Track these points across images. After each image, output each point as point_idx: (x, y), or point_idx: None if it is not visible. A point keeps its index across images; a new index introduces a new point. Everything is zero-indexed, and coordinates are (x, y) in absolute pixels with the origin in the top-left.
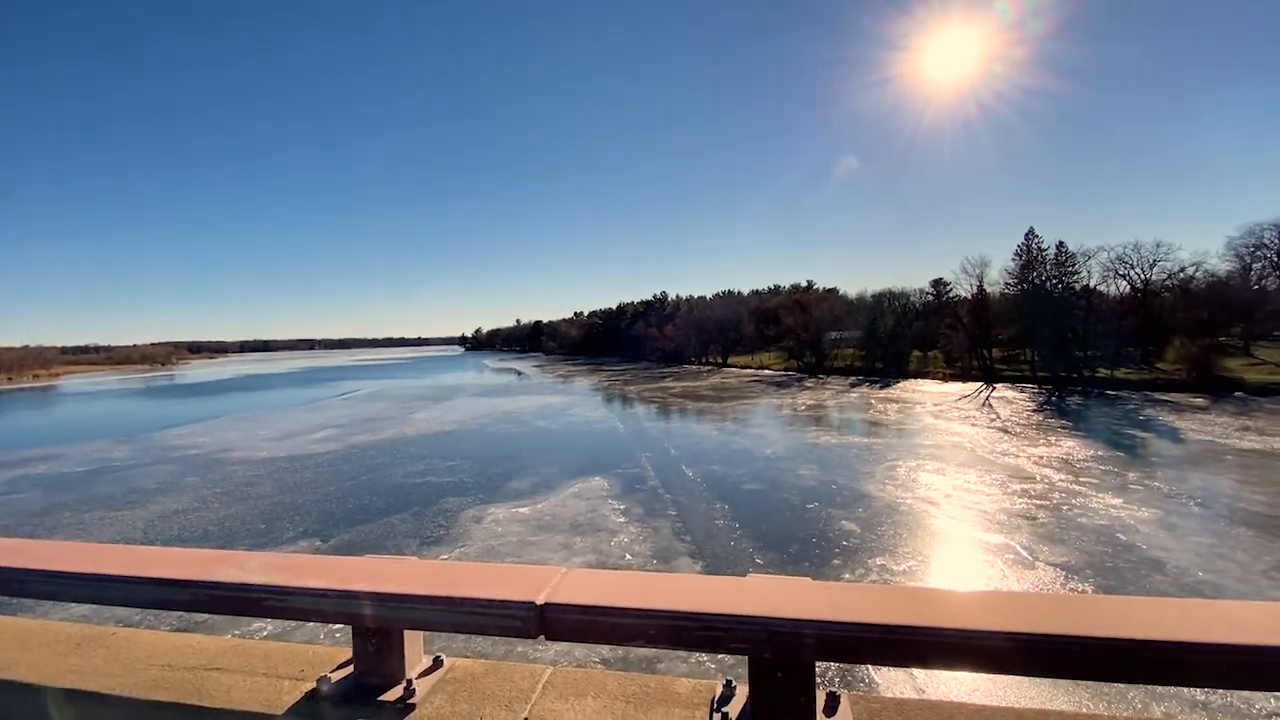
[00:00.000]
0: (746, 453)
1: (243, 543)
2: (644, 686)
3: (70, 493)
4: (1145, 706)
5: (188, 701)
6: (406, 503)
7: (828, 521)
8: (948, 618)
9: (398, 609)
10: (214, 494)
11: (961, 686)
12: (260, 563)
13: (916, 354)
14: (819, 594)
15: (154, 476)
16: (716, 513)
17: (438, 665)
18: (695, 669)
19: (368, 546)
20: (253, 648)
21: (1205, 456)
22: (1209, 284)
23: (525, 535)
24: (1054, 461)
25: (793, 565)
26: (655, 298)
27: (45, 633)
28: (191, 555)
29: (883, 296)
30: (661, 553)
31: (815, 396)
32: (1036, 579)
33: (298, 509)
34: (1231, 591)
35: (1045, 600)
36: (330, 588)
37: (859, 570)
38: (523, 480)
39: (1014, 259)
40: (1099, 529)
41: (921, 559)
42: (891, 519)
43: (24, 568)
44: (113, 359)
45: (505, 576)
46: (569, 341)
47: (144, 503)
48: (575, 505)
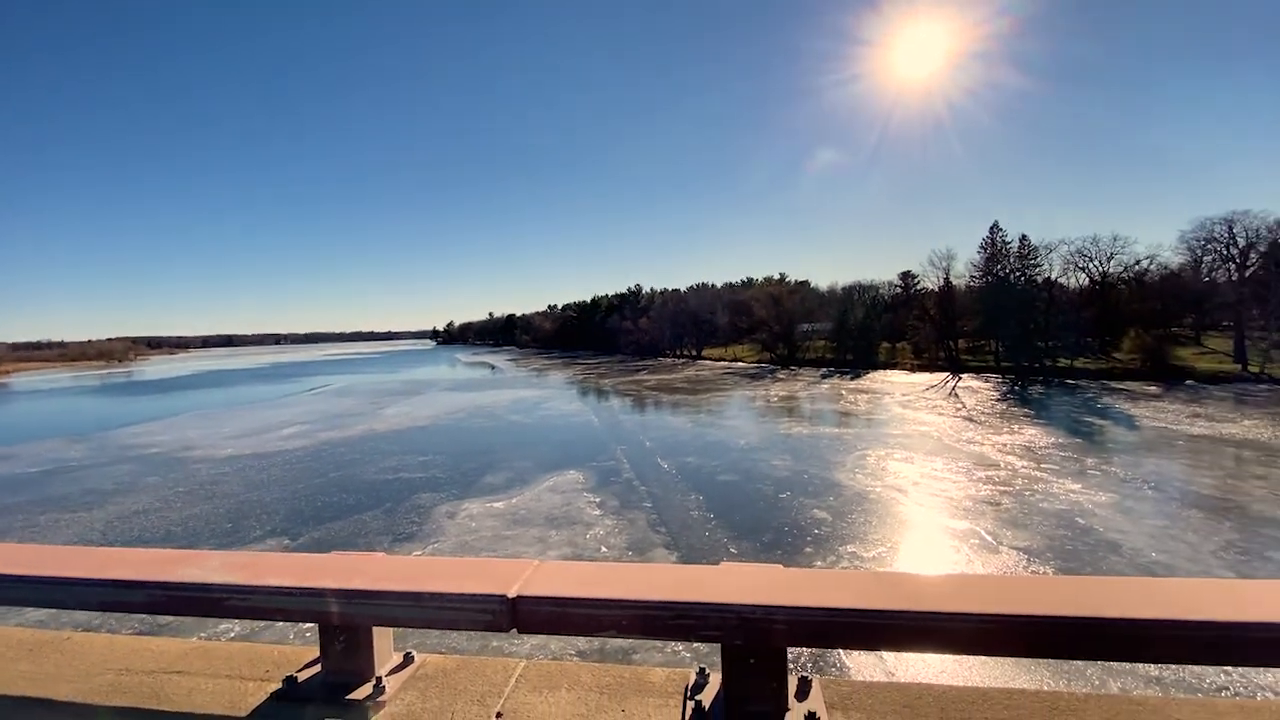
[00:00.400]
0: (721, 444)
1: (207, 543)
2: (618, 677)
3: (23, 494)
4: (1103, 683)
5: (146, 706)
6: (378, 499)
7: (800, 510)
8: (915, 601)
9: (365, 605)
10: (176, 493)
11: (929, 669)
12: (221, 561)
13: (885, 345)
14: (790, 580)
15: (112, 476)
16: (691, 504)
17: (408, 661)
18: (671, 658)
19: (338, 544)
20: (216, 649)
21: (1158, 442)
22: (1162, 276)
23: (500, 530)
24: (1017, 449)
25: (766, 554)
26: (630, 290)
27: None
28: (149, 555)
29: (853, 289)
30: (637, 544)
31: (788, 388)
32: (1000, 562)
33: (265, 507)
34: (1183, 570)
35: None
36: (295, 585)
37: (830, 557)
38: (497, 475)
39: (979, 252)
40: (1059, 513)
41: (890, 545)
42: (862, 507)
43: None
44: (67, 355)
45: (476, 570)
46: (543, 335)
47: (102, 503)
48: (550, 499)
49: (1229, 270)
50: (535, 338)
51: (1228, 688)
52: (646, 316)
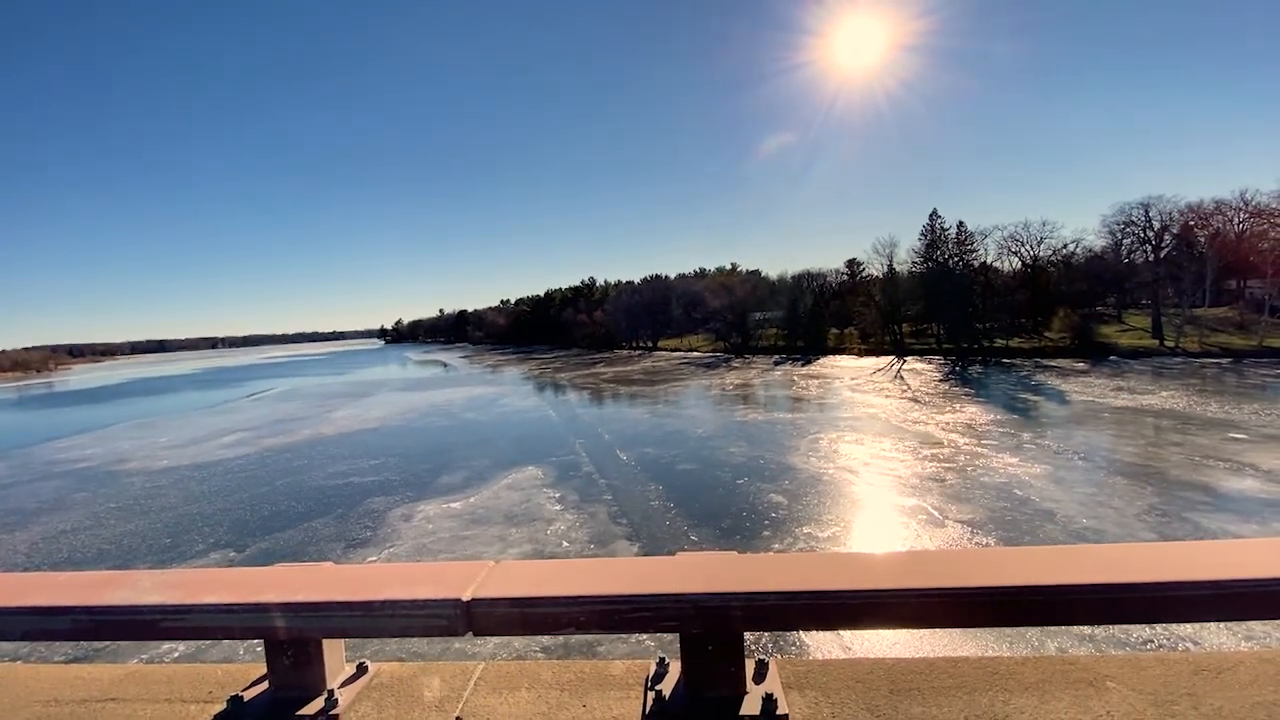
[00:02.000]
0: (679, 434)
1: (144, 560)
2: (578, 673)
3: None
4: (1041, 644)
5: None
6: (328, 506)
7: (757, 495)
8: (866, 580)
9: (313, 618)
10: (108, 509)
11: (885, 642)
12: (154, 581)
13: (834, 331)
14: (744, 566)
15: (36, 494)
16: (651, 494)
17: (362, 672)
18: (635, 649)
19: (287, 554)
20: (154, 673)
21: (1086, 415)
22: (1087, 258)
23: (458, 531)
24: (959, 427)
25: (726, 539)
26: (583, 284)
27: None
28: (75, 578)
29: (802, 277)
30: (599, 537)
31: (742, 376)
32: (946, 536)
33: (206, 519)
34: (1111, 535)
35: (952, 556)
36: (236, 602)
37: (787, 539)
38: (453, 475)
39: (920, 239)
40: (999, 486)
41: (844, 524)
42: (816, 489)
43: None
44: None
45: (429, 575)
46: (496, 331)
47: (25, 524)
48: (509, 496)
49: (1146, 252)
50: (489, 334)
51: (1152, 640)
52: (601, 309)
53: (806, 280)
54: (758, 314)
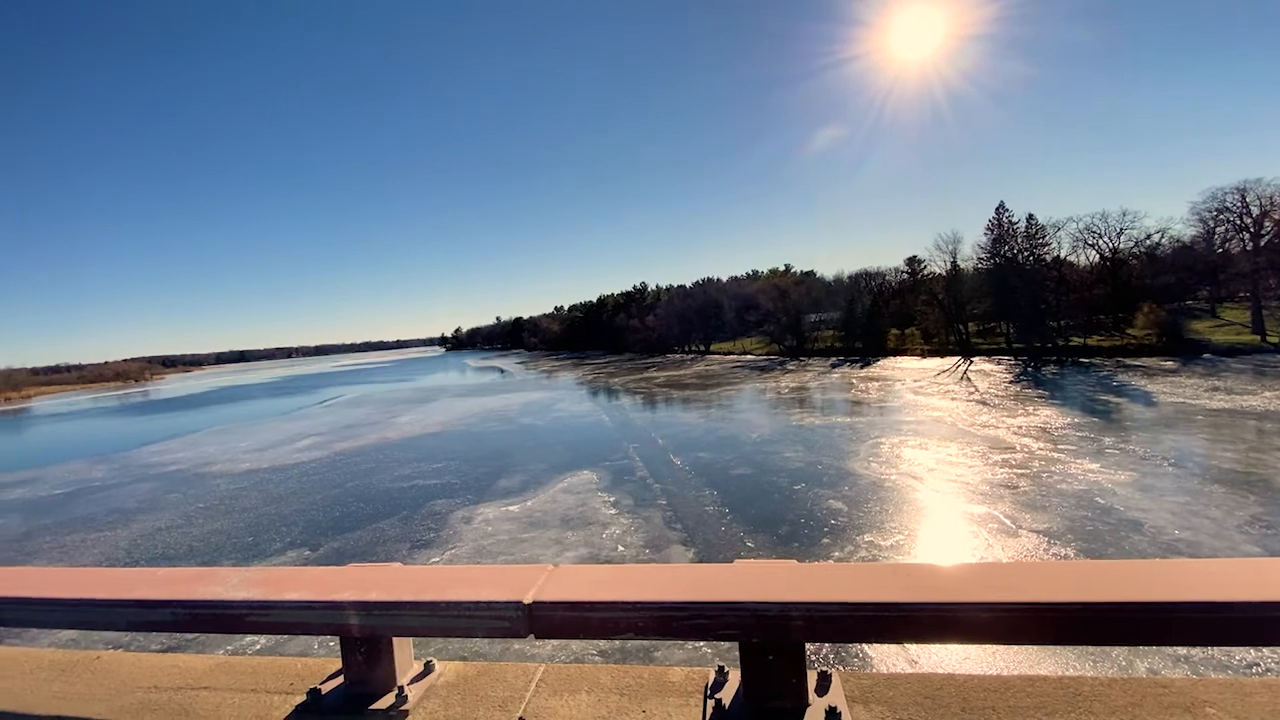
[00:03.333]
0: (733, 438)
1: (229, 557)
2: (637, 678)
3: (50, 516)
4: (1129, 665)
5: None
6: (394, 507)
7: (815, 501)
8: (934, 592)
9: (384, 617)
10: (197, 509)
11: (951, 657)
12: (241, 578)
13: (894, 332)
14: (805, 576)
15: (134, 495)
16: (706, 499)
17: (429, 670)
18: (693, 655)
19: (357, 554)
20: (240, 664)
21: (1177, 418)
22: (1175, 249)
23: (516, 533)
24: (1032, 431)
25: (783, 547)
26: (635, 289)
27: (27, 660)
28: (172, 574)
29: (859, 277)
30: (654, 542)
31: (798, 379)
32: (1020, 547)
33: (284, 520)
34: (1207, 548)
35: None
36: (314, 599)
37: (848, 548)
38: (511, 478)
39: (986, 233)
40: (1078, 494)
41: (908, 533)
42: (877, 496)
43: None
44: (85, 378)
45: (492, 577)
46: (550, 337)
47: (126, 522)
48: (565, 500)
49: (1243, 240)
50: (543, 340)
51: (1258, 663)
52: (653, 314)
53: (864, 280)
54: (813, 316)
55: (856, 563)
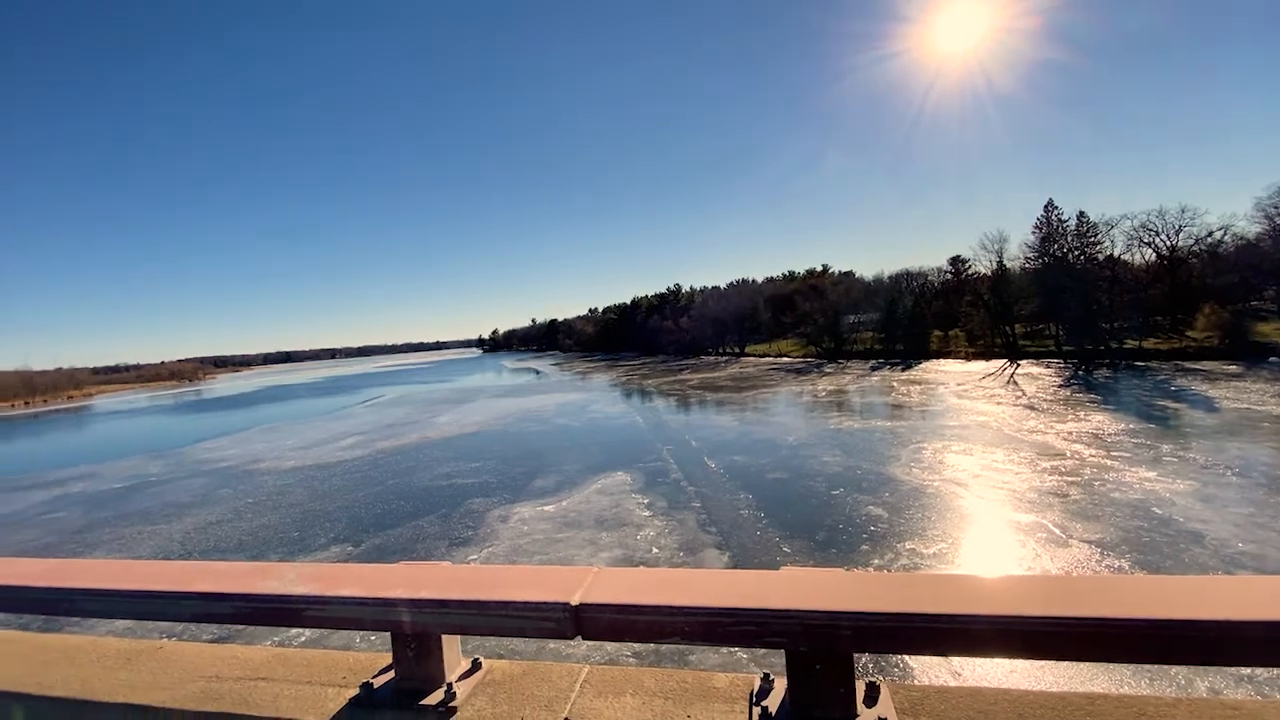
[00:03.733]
0: (769, 441)
1: (277, 551)
2: (681, 682)
3: (109, 509)
4: (1189, 683)
5: (236, 712)
6: (434, 505)
7: (854, 507)
8: (985, 604)
9: (434, 614)
10: (246, 504)
11: (999, 670)
12: (297, 573)
13: (937, 334)
14: (854, 584)
15: (188, 490)
16: (741, 503)
17: (476, 668)
18: (728, 661)
19: (398, 550)
20: (295, 656)
21: (1241, 425)
22: (1238, 247)
23: (551, 533)
24: (1084, 437)
25: (820, 553)
26: (669, 290)
27: (94, 648)
28: (230, 568)
29: (900, 277)
30: (688, 545)
31: (836, 382)
32: (1071, 558)
33: (328, 516)
34: (1274, 563)
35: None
36: (367, 596)
37: (888, 555)
38: (546, 478)
39: (1033, 232)
40: (1134, 504)
41: (951, 541)
42: (919, 502)
43: (71, 587)
44: (142, 377)
45: (538, 578)
46: (585, 338)
47: (180, 516)
48: (599, 501)
49: None
50: (577, 341)
51: None
52: (687, 315)
53: (905, 280)
54: (851, 317)
55: (907, 572)
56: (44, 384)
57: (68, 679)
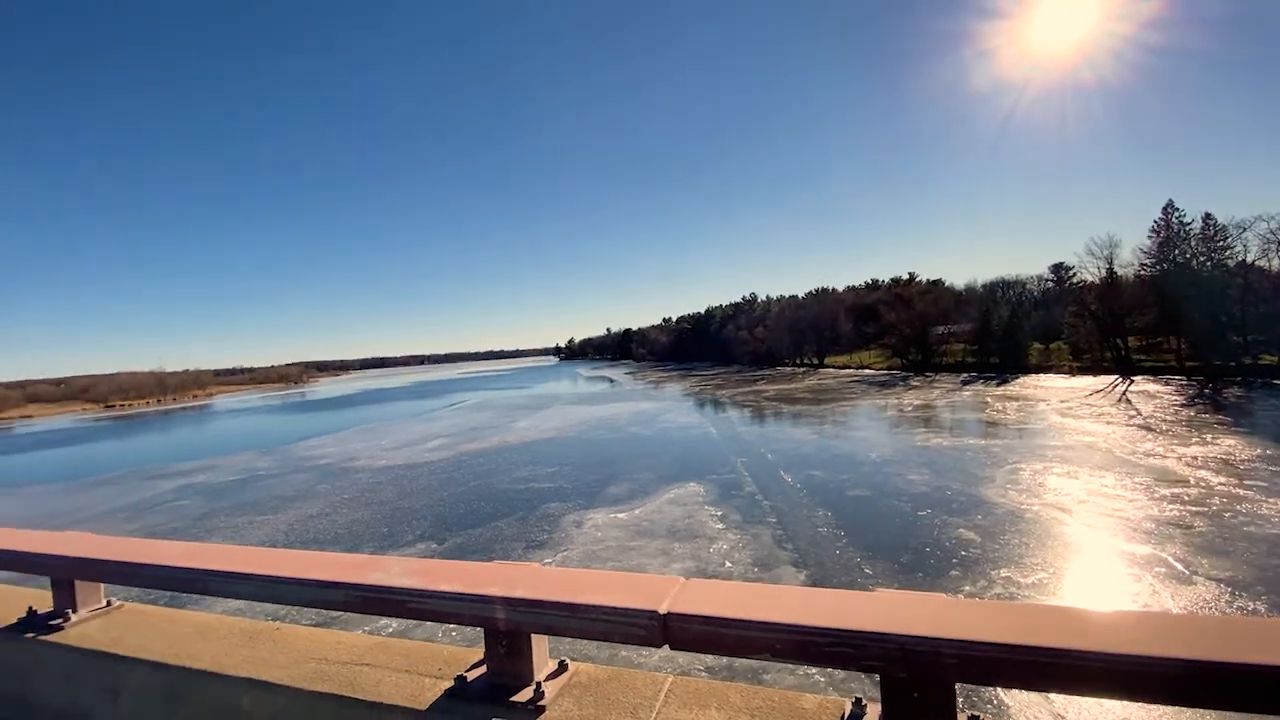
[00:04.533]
0: (849, 457)
1: (368, 545)
2: (768, 700)
3: (225, 499)
4: None
5: (343, 693)
6: (512, 508)
7: (943, 529)
8: (1103, 640)
9: (527, 613)
10: (342, 500)
11: (1106, 712)
12: (400, 567)
13: (1037, 347)
14: (958, 611)
15: (292, 484)
16: (819, 520)
17: (563, 669)
18: (803, 682)
19: (478, 550)
20: (395, 645)
21: None
22: None
23: (624, 541)
24: (1211, 462)
25: (905, 577)
26: (744, 299)
27: (221, 626)
28: (341, 558)
29: (995, 286)
30: (763, 561)
31: (923, 396)
32: (1196, 596)
33: (415, 514)
34: None
35: (1213, 623)
36: (465, 592)
37: (981, 583)
38: (619, 486)
39: (1150, 236)
40: (1272, 538)
41: (1053, 571)
42: (1016, 527)
43: (205, 568)
44: (255, 379)
45: (625, 585)
46: (659, 348)
47: (284, 508)
48: (672, 511)
49: None
50: (651, 351)
51: None
52: (763, 325)
53: (1001, 289)
54: (940, 328)
55: (1014, 601)
56: (174, 384)
57: (199, 652)
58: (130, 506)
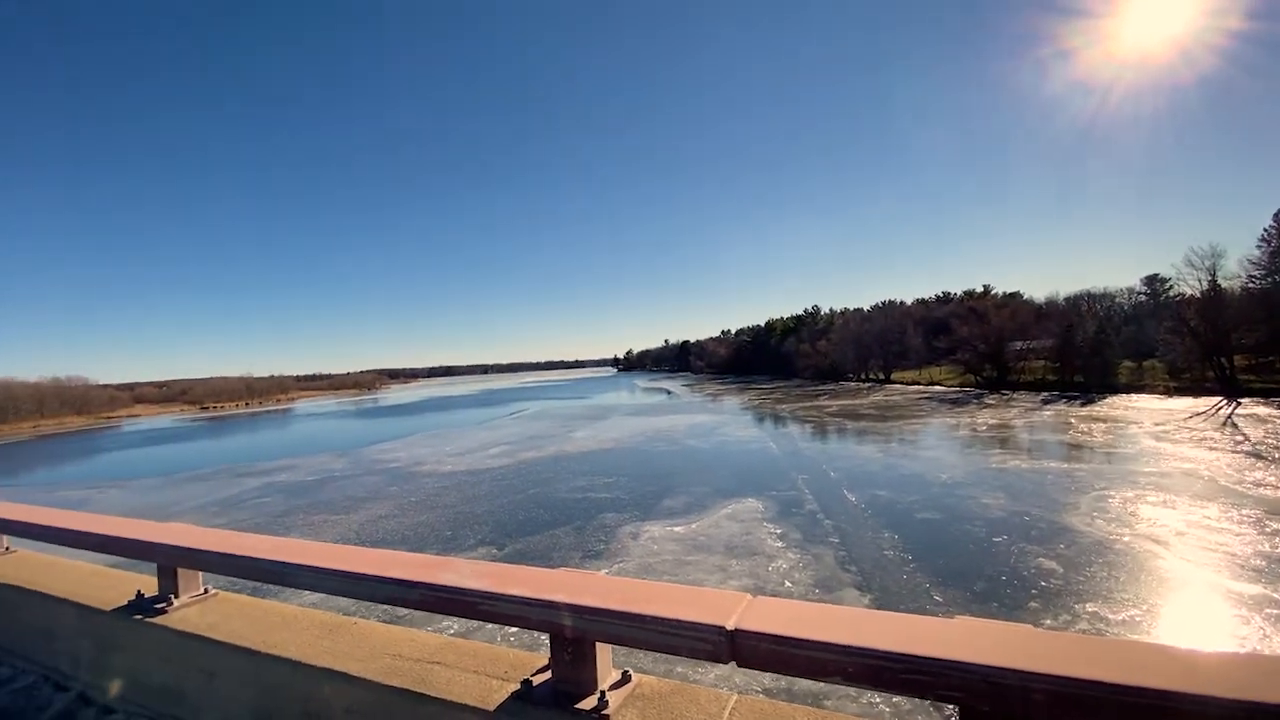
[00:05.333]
0: (918, 477)
1: (433, 547)
2: None
3: (303, 498)
4: None
5: (415, 689)
6: (569, 517)
7: (1020, 558)
8: (1217, 683)
9: (594, 622)
10: (409, 502)
11: None
12: (471, 569)
13: (1127, 365)
14: (1048, 644)
15: (364, 486)
16: (885, 542)
17: (626, 679)
18: (865, 710)
19: (536, 556)
20: (464, 646)
21: None
22: None
23: (681, 555)
24: None
25: (979, 606)
26: (806, 312)
27: (304, 618)
28: (415, 559)
29: (1079, 299)
30: (824, 582)
31: (999, 415)
32: None
33: (476, 519)
34: None
35: None
36: (533, 597)
37: (1064, 617)
38: (675, 499)
39: (1259, 245)
40: None
41: (1147, 608)
42: (1103, 559)
43: (293, 562)
44: (332, 385)
45: (691, 598)
46: (717, 360)
47: (356, 508)
48: (729, 527)
49: None
50: (709, 363)
51: None
52: (826, 338)
53: (1086, 302)
54: (1018, 343)
55: (1113, 637)
56: (261, 388)
57: (284, 641)
58: (219, 502)
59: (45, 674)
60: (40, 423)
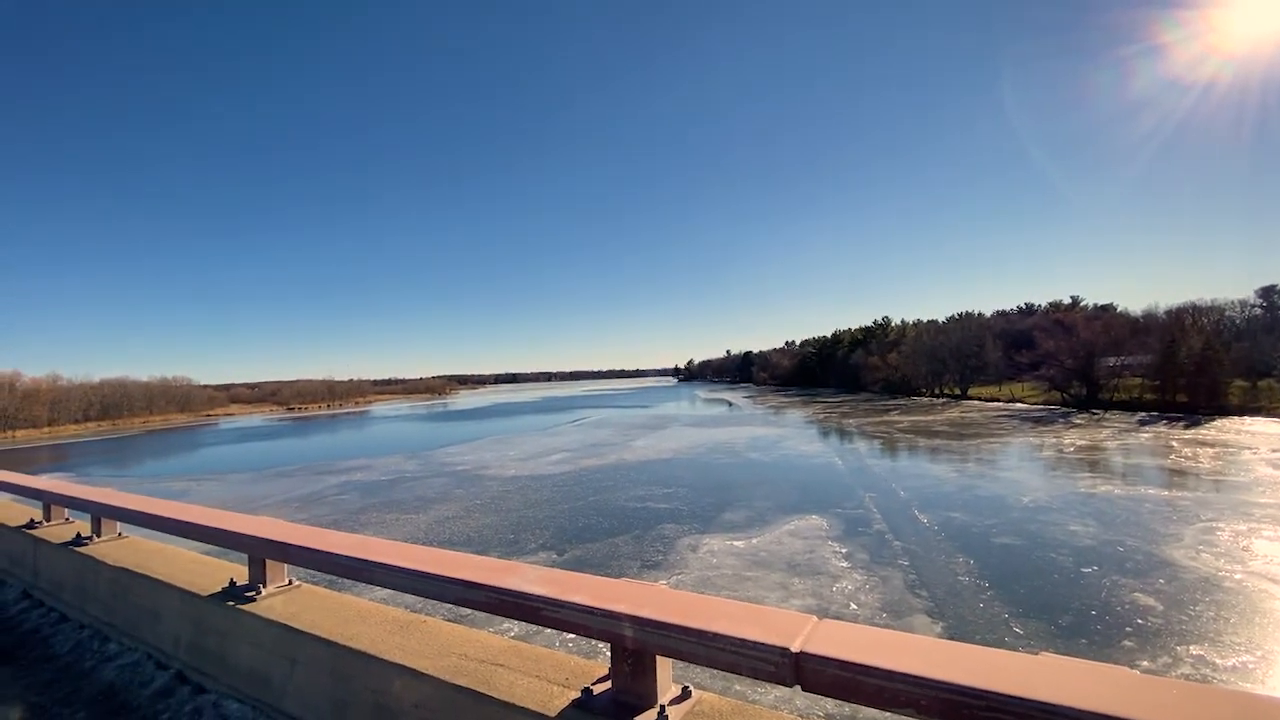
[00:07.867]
0: (997, 500)
1: (496, 550)
2: None
3: (377, 496)
4: None
5: (480, 690)
6: (628, 525)
7: (1112, 591)
8: None
9: (655, 634)
10: (475, 505)
11: None
12: (536, 575)
13: (1239, 384)
14: (1154, 692)
15: (433, 487)
16: (959, 568)
17: (686, 695)
18: None
19: (594, 564)
20: (526, 650)
21: None
22: None
23: (740, 570)
24: None
25: (1065, 642)
26: (876, 323)
27: (379, 614)
28: (483, 562)
29: (1183, 311)
30: (892, 606)
31: (1089, 436)
32: None
33: (538, 523)
34: None
35: None
36: (595, 606)
37: (1163, 659)
38: (736, 512)
39: None
40: None
41: (1262, 654)
42: (1210, 597)
43: (371, 559)
44: (406, 389)
45: (754, 617)
46: (780, 372)
47: (425, 509)
48: (791, 544)
49: None
50: (772, 375)
51: None
52: (896, 351)
53: (1190, 315)
54: (1111, 359)
55: (1224, 687)
56: (341, 391)
57: (360, 634)
58: (301, 497)
59: (149, 652)
60: (149, 419)
